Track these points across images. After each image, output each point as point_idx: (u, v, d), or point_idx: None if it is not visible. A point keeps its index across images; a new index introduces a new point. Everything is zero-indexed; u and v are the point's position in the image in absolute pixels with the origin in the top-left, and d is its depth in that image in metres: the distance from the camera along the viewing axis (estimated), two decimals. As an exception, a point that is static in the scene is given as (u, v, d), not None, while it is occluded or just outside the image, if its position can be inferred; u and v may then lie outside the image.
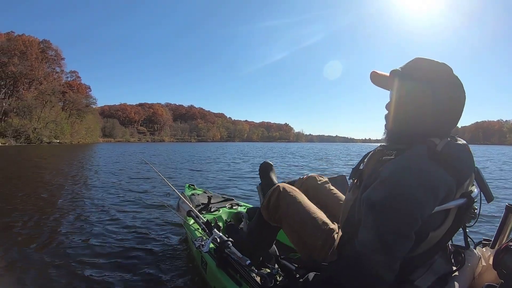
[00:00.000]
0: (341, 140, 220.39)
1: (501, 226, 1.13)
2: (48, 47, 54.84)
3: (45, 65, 53.96)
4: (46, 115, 47.01)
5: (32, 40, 51.39)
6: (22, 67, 47.51)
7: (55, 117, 48.12)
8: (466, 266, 0.96)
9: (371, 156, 1.05)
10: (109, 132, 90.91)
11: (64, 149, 25.84)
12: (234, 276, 1.39)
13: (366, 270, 0.79)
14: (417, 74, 0.91)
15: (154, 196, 4.71)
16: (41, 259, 2.21)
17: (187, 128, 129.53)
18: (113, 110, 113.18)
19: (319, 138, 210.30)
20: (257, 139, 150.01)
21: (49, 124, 46.58)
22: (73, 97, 54.01)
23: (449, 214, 0.87)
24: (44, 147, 30.82)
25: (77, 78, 61.06)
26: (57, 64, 56.95)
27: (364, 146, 43.01)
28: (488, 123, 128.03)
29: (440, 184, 0.79)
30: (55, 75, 56.21)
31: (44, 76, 52.43)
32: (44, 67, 53.61)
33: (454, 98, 0.89)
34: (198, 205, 2.39)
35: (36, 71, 50.43)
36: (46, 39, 54.88)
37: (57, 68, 57.18)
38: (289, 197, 1.30)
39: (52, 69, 56.20)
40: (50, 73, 54.98)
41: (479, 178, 0.96)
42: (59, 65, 57.22)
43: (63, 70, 58.10)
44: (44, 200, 4.43)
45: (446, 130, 0.91)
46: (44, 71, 53.16)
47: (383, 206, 0.79)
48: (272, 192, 1.36)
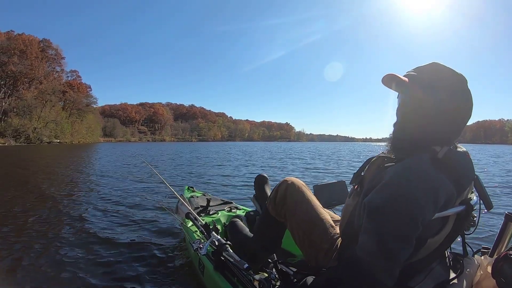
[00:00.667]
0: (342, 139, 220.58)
1: (500, 235, 1.12)
2: (48, 46, 54.59)
3: (45, 64, 53.59)
4: (46, 115, 46.84)
5: (32, 39, 51.12)
6: (22, 66, 47.23)
7: (55, 117, 47.92)
8: (464, 274, 0.96)
9: (373, 162, 1.04)
10: (110, 131, 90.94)
11: (64, 149, 25.84)
12: (231, 280, 1.39)
13: (366, 275, 0.78)
14: (437, 83, 0.88)
15: (153, 198, 4.70)
16: (40, 259, 2.22)
17: (188, 127, 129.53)
18: (114, 110, 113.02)
19: (319, 138, 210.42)
20: (258, 138, 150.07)
21: (49, 124, 46.43)
22: (74, 96, 53.84)
23: (448, 221, 0.87)
24: (44, 147, 30.85)
25: (77, 77, 60.74)
26: (57, 64, 56.68)
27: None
28: (489, 122, 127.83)
29: (441, 190, 0.80)
30: (55, 75, 55.93)
31: (44, 76, 52.12)
32: (44, 66, 53.27)
33: (464, 110, 0.89)
34: (197, 208, 2.40)
35: (36, 70, 50.10)
36: (46, 38, 54.82)
37: (57, 67, 56.91)
38: (298, 192, 1.29)
39: (52, 69, 55.90)
40: (50, 73, 54.69)
41: (479, 185, 0.96)
42: (59, 64, 56.98)
43: (63, 69, 57.82)
44: (42, 201, 4.40)
45: (449, 138, 0.91)
46: (44, 71, 52.81)
47: (384, 210, 0.79)
48: (280, 185, 1.35)
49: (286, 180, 1.35)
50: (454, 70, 0.89)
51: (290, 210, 1.28)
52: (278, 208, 1.33)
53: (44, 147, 32.55)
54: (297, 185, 1.32)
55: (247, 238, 1.57)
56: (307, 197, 1.28)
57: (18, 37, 49.39)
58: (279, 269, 1.15)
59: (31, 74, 49.21)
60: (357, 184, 1.04)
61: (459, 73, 0.89)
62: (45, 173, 7.95)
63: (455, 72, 0.89)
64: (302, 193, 1.29)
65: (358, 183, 1.04)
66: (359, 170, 1.08)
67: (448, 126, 0.89)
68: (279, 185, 1.35)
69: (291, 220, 1.28)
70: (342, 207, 1.15)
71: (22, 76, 48.31)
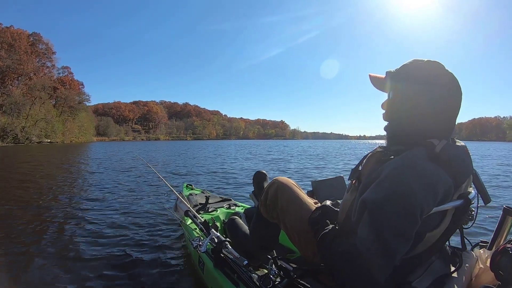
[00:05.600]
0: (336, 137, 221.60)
1: (498, 228, 1.13)
2: (39, 40, 51.93)
3: (35, 59, 51.02)
4: (36, 113, 44.32)
5: (21, 32, 48.60)
6: (10, 61, 44.75)
7: (45, 115, 45.42)
8: (463, 267, 0.97)
9: (370, 157, 1.03)
10: (103, 130, 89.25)
11: (56, 149, 25.12)
12: (231, 277, 1.39)
13: (361, 269, 0.78)
14: (410, 74, 0.91)
15: (152, 196, 4.67)
16: (38, 260, 2.20)
17: (183, 126, 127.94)
18: (107, 108, 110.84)
19: (314, 135, 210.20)
20: (253, 136, 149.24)
21: (39, 122, 43.97)
22: (65, 93, 51.64)
23: (446, 215, 0.88)
24: (33, 147, 29.52)
25: (69, 74, 58.23)
26: (48, 59, 53.98)
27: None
28: (485, 119, 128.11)
29: (439, 183, 0.80)
30: (45, 70, 53.49)
31: (33, 71, 49.65)
32: (34, 61, 50.71)
33: (448, 97, 0.89)
34: (196, 205, 2.41)
35: (25, 66, 47.51)
36: (36, 32, 52.13)
37: (48, 62, 54.31)
38: (288, 192, 1.28)
39: (42, 64, 53.22)
40: (40, 68, 52.09)
41: (477, 180, 0.97)
42: (50, 60, 54.28)
43: (54, 65, 55.11)
44: (40, 203, 4.31)
45: (444, 130, 0.91)
46: (34, 66, 50.27)
47: (382, 204, 0.78)
48: (269, 187, 1.34)
49: (275, 181, 1.33)
50: (429, 60, 0.91)
51: (283, 211, 1.26)
52: (269, 210, 1.32)
53: (33, 147, 31.13)
54: (287, 185, 1.30)
55: (245, 237, 1.59)
56: (299, 196, 1.26)
57: (6, 30, 46.85)
58: (278, 265, 1.17)
59: (19, 69, 46.74)
60: (355, 179, 1.03)
61: (433, 61, 0.91)
62: (44, 172, 7.89)
63: (428, 61, 0.90)
64: (293, 192, 1.27)
65: (356, 178, 1.03)
66: (357, 165, 1.07)
67: (437, 116, 0.88)
68: (269, 186, 1.34)
69: (285, 221, 1.26)
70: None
71: (10, 72, 45.77)
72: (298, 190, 1.29)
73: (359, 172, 1.02)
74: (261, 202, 1.35)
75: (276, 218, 1.30)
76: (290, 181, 1.33)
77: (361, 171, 1.02)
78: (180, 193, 2.49)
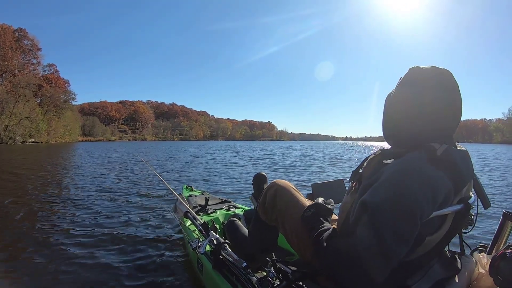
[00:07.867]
0: (322, 138, 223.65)
1: (498, 233, 1.13)
2: (24, 36, 50.54)
3: (20, 56, 49.65)
4: (20, 111, 43.17)
5: (5, 27, 47.17)
6: (-7, 56, 43.27)
7: (29, 113, 44.29)
8: (462, 272, 0.97)
9: (371, 160, 1.04)
10: (89, 130, 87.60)
11: (41, 149, 24.39)
12: (230, 279, 1.39)
13: (359, 270, 0.78)
14: (404, 80, 0.95)
15: (151, 197, 4.65)
16: (36, 261, 2.20)
17: (170, 126, 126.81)
18: (93, 108, 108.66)
19: (300, 137, 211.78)
20: (240, 137, 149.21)
21: (23, 121, 42.88)
22: (51, 91, 50.56)
23: (447, 220, 0.88)
24: (17, 147, 28.58)
25: (55, 71, 57.02)
26: (33, 55, 52.65)
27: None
28: (471, 122, 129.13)
29: (440, 187, 0.80)
30: (30, 67, 52.08)
31: (18, 68, 48.23)
32: (19, 58, 49.35)
33: (442, 100, 0.89)
34: (195, 207, 2.40)
35: (10, 62, 46.22)
36: (21, 28, 50.63)
37: (33, 59, 52.97)
38: (287, 195, 1.28)
39: (27, 60, 51.84)
40: (25, 65, 50.68)
41: (477, 184, 0.98)
42: (35, 56, 52.97)
43: (39, 62, 53.85)
44: (40, 204, 4.23)
45: (445, 135, 0.91)
46: (19, 62, 48.89)
47: (383, 205, 0.78)
48: (268, 190, 1.34)
49: (273, 183, 1.34)
50: (424, 66, 0.93)
51: (281, 214, 1.26)
52: (268, 213, 1.32)
53: (17, 147, 30.27)
54: (285, 187, 1.30)
55: (244, 239, 1.57)
56: (297, 199, 1.26)
57: (-10, 25, 45.25)
58: (277, 267, 1.15)
59: (3, 65, 45.46)
60: (356, 181, 1.03)
61: (428, 67, 0.92)
62: (41, 171, 7.73)
63: (423, 67, 0.93)
64: (291, 195, 1.27)
65: (356, 180, 1.03)
66: (357, 168, 1.07)
67: (431, 118, 0.89)
68: (268, 189, 1.34)
69: (283, 223, 1.25)
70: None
71: (-7, 68, 44.32)
72: (297, 193, 1.30)
73: (360, 175, 1.03)
74: (260, 205, 1.35)
75: (274, 221, 1.31)
76: (289, 184, 1.34)
77: (362, 173, 1.03)
78: (180, 194, 2.46)
